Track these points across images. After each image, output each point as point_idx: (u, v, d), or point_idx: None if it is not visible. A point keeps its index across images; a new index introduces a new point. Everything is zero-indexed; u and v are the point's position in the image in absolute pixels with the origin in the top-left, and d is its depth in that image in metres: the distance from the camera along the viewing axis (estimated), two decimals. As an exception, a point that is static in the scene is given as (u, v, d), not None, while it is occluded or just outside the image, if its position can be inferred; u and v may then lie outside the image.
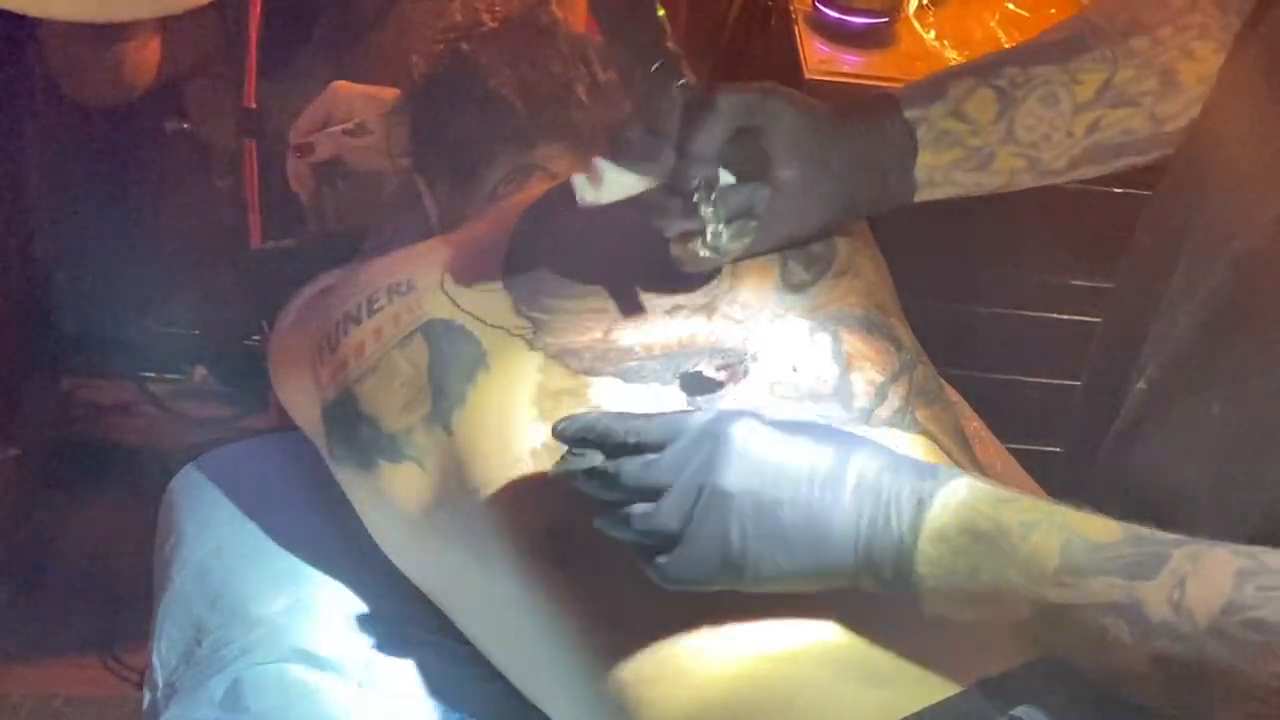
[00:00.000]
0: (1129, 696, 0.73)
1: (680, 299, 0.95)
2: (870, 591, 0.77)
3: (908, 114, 0.97)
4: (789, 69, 1.63)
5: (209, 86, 1.85)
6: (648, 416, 0.83)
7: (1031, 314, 1.66)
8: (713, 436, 0.78)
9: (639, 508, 0.78)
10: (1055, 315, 1.64)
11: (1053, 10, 1.73)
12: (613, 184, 0.90)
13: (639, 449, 0.80)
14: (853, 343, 0.93)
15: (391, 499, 0.95)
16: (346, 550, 1.05)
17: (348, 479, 0.99)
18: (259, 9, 1.48)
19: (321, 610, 1.02)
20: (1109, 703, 0.74)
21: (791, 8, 1.71)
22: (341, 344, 0.98)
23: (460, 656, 0.98)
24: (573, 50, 1.19)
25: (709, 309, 0.95)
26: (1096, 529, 0.74)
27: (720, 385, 0.91)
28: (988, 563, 0.74)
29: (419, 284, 0.97)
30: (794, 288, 0.96)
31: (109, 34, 1.61)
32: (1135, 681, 0.72)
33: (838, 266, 0.98)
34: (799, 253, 0.98)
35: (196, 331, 2.23)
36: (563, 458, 0.82)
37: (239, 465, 1.19)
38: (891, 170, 0.97)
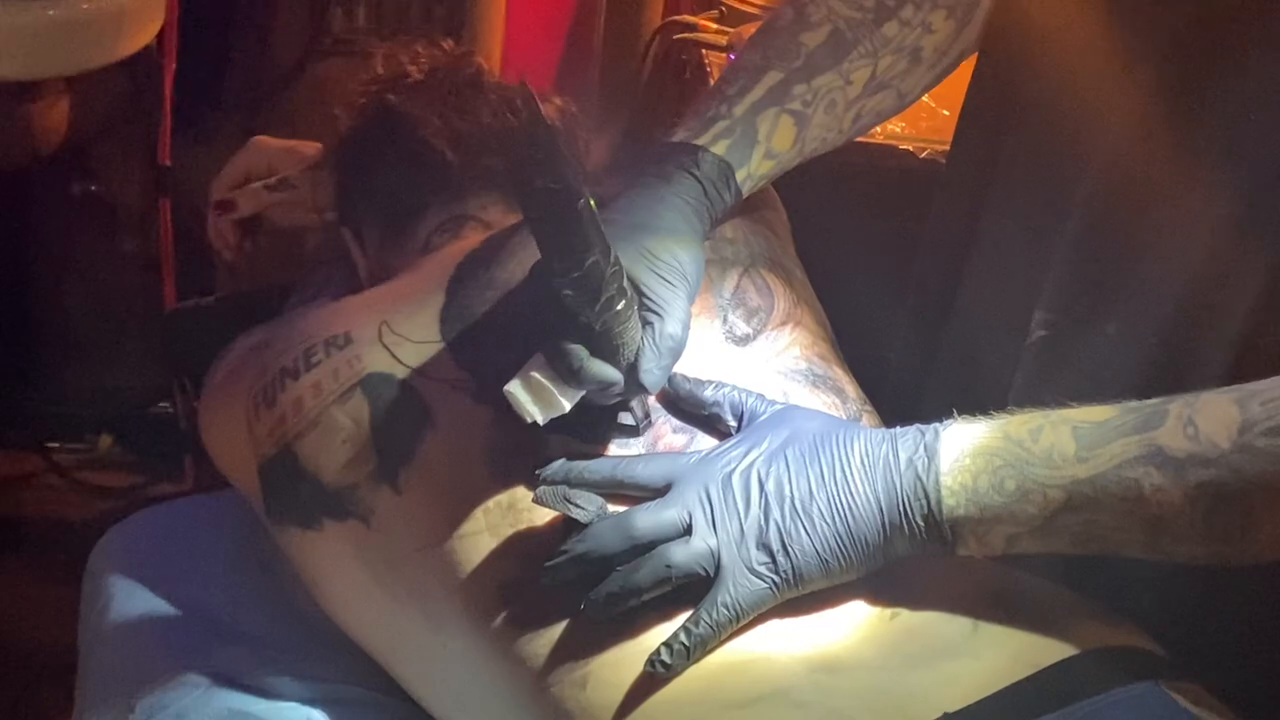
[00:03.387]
0: (1174, 552, 0.76)
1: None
2: (904, 555, 0.80)
3: (740, 176, 0.96)
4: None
5: (117, 147, 1.83)
6: (634, 460, 0.85)
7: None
8: (719, 460, 0.82)
9: (674, 545, 0.79)
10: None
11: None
12: (553, 401, 0.83)
13: (638, 491, 0.83)
14: (799, 399, 0.93)
15: (335, 557, 0.93)
16: (281, 609, 1.03)
17: (288, 539, 0.96)
18: (173, 64, 1.47)
19: (257, 671, 0.99)
20: None
21: (706, 60, 1.73)
22: (279, 399, 0.95)
23: (403, 716, 0.95)
24: (501, 99, 1.18)
25: None
26: (1093, 412, 0.78)
27: (634, 430, 0.90)
28: (1010, 470, 0.78)
29: (357, 337, 0.95)
30: (737, 340, 0.96)
31: (16, 93, 1.58)
32: (1179, 524, 0.75)
33: (778, 318, 0.98)
34: (738, 305, 0.98)
35: (102, 399, 2.18)
36: (561, 504, 0.82)
37: (165, 528, 1.17)
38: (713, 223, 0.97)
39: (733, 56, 1.69)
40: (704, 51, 1.76)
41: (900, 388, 1.08)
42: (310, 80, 1.76)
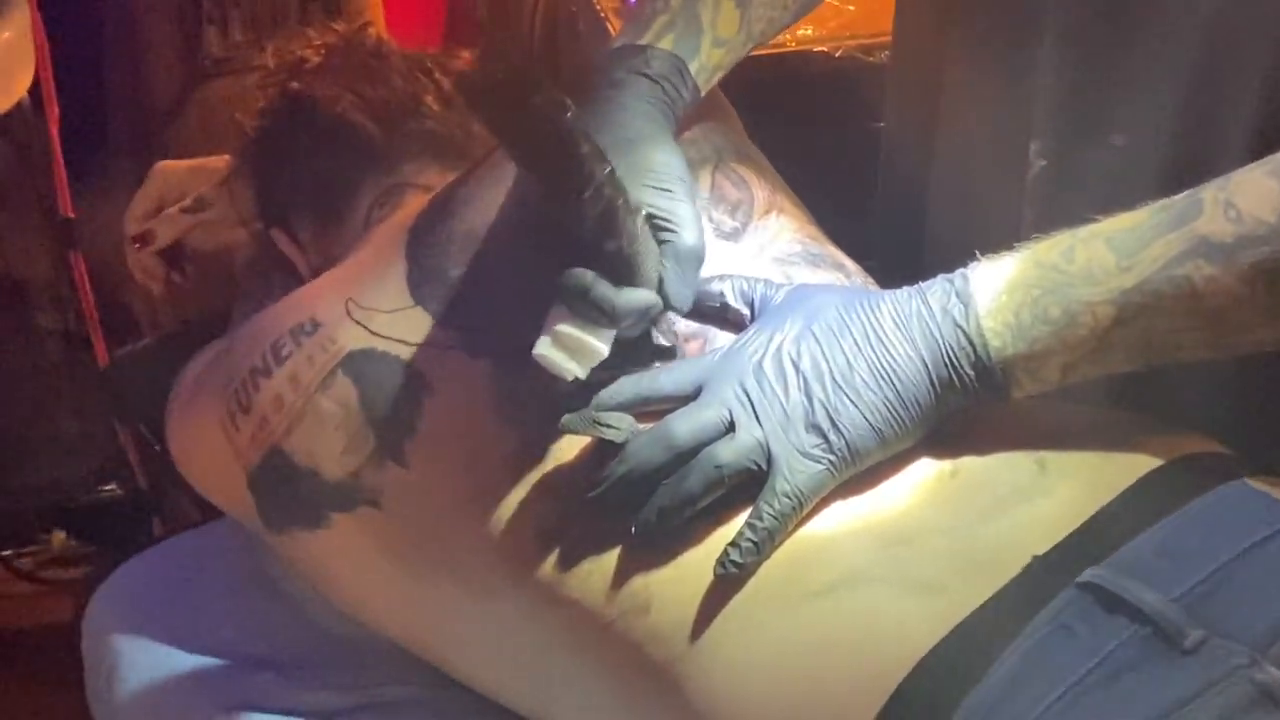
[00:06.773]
0: (1239, 343, 0.73)
1: None
2: (957, 409, 0.76)
3: (693, 69, 0.90)
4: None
5: (11, 218, 1.75)
6: (656, 371, 0.80)
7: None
8: (745, 351, 0.77)
9: (719, 445, 0.74)
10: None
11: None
12: (589, 349, 0.77)
13: (667, 404, 0.78)
14: (803, 281, 0.89)
15: (351, 552, 0.87)
16: (296, 626, 1.00)
17: (294, 545, 0.90)
18: (55, 110, 1.40)
19: (291, 693, 0.95)
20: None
21: (599, 5, 1.68)
22: (255, 402, 0.89)
23: (448, 703, 0.91)
24: (408, 64, 1.13)
25: None
26: (1123, 220, 0.74)
27: (671, 351, 0.85)
28: (1052, 297, 0.74)
29: (324, 319, 0.89)
30: (727, 236, 0.91)
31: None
32: (1240, 311, 0.71)
33: (760, 207, 0.94)
34: (719, 202, 0.92)
35: (44, 492, 2.10)
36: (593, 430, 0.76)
37: (151, 576, 1.11)
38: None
39: (632, 0, 1.65)
40: (594, -1, 1.71)
41: (898, 267, 1.04)
42: (197, 105, 1.69)
